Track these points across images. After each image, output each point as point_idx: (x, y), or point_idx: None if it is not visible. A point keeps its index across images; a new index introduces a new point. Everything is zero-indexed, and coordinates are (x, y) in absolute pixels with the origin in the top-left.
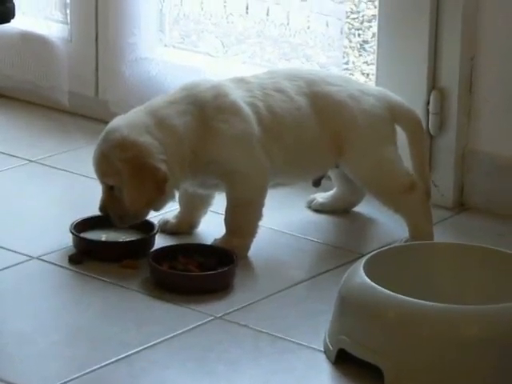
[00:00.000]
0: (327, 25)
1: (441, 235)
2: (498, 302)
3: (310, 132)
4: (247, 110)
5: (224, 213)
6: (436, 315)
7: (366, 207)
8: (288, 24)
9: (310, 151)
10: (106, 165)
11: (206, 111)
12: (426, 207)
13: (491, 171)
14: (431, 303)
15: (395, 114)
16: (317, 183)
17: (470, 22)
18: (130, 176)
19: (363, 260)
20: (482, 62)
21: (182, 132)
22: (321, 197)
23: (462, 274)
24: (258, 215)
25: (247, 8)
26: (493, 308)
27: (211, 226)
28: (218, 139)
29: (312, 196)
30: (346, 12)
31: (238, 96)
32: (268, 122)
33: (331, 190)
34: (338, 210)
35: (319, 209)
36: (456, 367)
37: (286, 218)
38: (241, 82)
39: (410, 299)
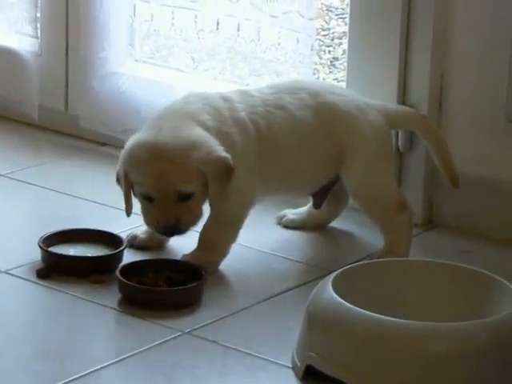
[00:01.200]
0: (298, 41)
1: (410, 252)
2: (467, 319)
3: (310, 147)
4: (250, 126)
5: (202, 227)
6: (404, 332)
7: (336, 223)
8: (259, 40)
9: (309, 166)
10: (182, 172)
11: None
12: (410, 229)
13: (460, 188)
14: (399, 320)
15: (399, 121)
16: (318, 205)
17: (439, 40)
18: (215, 175)
19: (332, 276)
20: (451, 80)
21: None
22: (291, 213)
23: (431, 290)
24: (236, 234)
25: (218, 24)
26: (461, 325)
27: (180, 242)
28: None
29: (282, 212)
30: (317, 29)
31: (243, 110)
32: (266, 141)
33: (302, 206)
34: (310, 226)
35: (289, 225)
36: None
37: (256, 234)
38: (244, 94)
39: (378, 316)
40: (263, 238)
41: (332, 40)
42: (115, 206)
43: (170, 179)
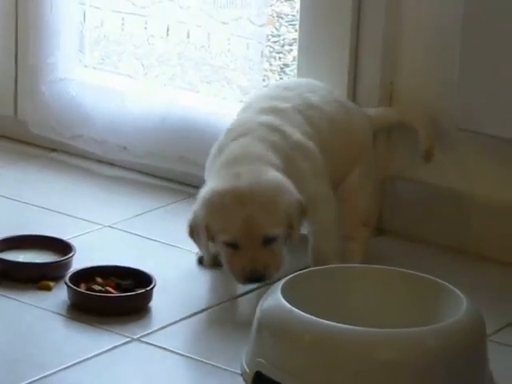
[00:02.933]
0: (248, 48)
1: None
2: (415, 326)
3: (342, 142)
4: (307, 143)
5: (310, 250)
6: (352, 338)
7: None
8: (209, 47)
9: (343, 161)
10: (270, 216)
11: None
12: (368, 243)
13: (409, 196)
14: (348, 326)
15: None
16: None
17: (389, 48)
18: (298, 216)
19: (281, 283)
20: (400, 87)
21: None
22: None
23: (380, 297)
24: (338, 239)
25: (168, 30)
26: (410, 332)
27: (127, 249)
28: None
29: None
30: (267, 35)
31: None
32: (319, 143)
33: None
34: None
35: None
36: None
37: None
38: (279, 113)
39: (327, 322)
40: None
41: (282, 46)
42: (64, 212)
43: (258, 224)
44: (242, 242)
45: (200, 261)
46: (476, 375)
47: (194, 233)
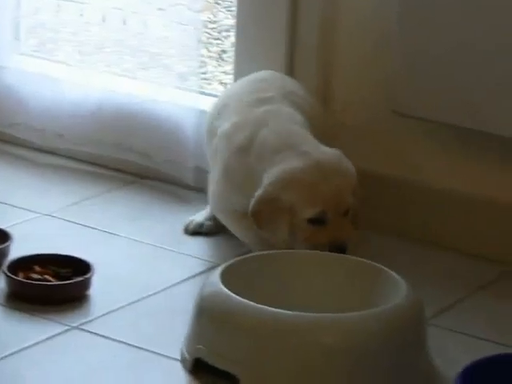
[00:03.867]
0: (185, 34)
1: None
2: (356, 310)
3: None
4: None
5: None
6: (293, 324)
7: None
8: (146, 33)
9: None
10: (350, 186)
11: None
12: None
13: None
14: (288, 312)
15: None
16: None
17: (327, 30)
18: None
19: (220, 268)
20: (339, 71)
21: None
22: (199, 217)
23: (320, 282)
24: None
25: (104, 17)
26: (350, 316)
27: (66, 237)
28: None
29: (189, 219)
30: (204, 21)
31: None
32: None
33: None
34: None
35: (199, 230)
36: (313, 375)
37: (142, 228)
38: (272, 100)
39: (267, 308)
40: (149, 232)
41: (219, 33)
42: (1, 201)
43: (343, 195)
44: (329, 216)
45: (190, 230)
46: (416, 358)
47: (264, 218)
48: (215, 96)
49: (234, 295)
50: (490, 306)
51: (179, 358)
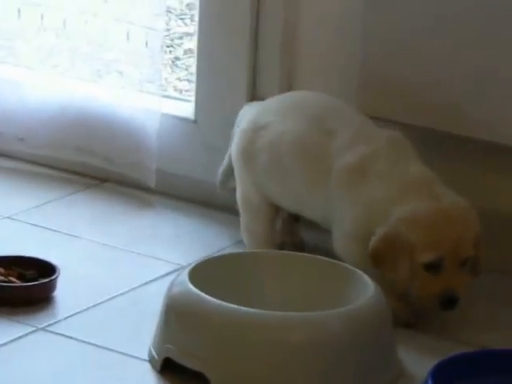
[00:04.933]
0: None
1: None
2: (323, 310)
3: None
4: None
5: None
6: (260, 322)
7: (183, 218)
8: (107, 37)
9: None
10: (472, 236)
11: None
12: None
13: None
14: (256, 310)
15: None
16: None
17: (288, 34)
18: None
19: (188, 269)
20: (300, 74)
21: None
22: None
23: (287, 282)
24: None
25: (64, 22)
26: (316, 315)
27: (28, 239)
28: None
29: None
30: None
31: None
32: None
33: None
34: None
35: None
36: (281, 374)
37: (105, 230)
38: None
39: (235, 306)
40: (112, 234)
41: (172, 40)
42: None
43: (464, 245)
44: (446, 263)
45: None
46: (383, 357)
47: (384, 256)
48: (178, 99)
49: (202, 294)
50: None
51: (147, 358)
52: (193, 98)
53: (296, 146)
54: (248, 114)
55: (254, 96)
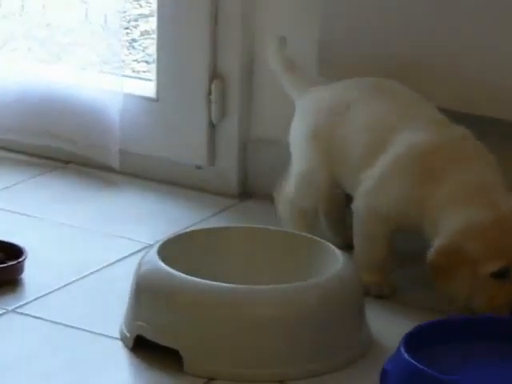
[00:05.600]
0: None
1: (227, 223)
2: (291, 282)
3: None
4: None
5: None
6: (230, 296)
7: (154, 197)
8: (67, 19)
9: None
10: None
11: None
12: None
13: (274, 158)
14: (224, 284)
15: None
16: None
17: (248, 12)
18: None
19: (157, 245)
20: (261, 51)
21: None
22: None
23: (258, 256)
24: None
25: (23, 4)
26: (286, 287)
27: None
28: None
29: None
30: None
31: None
32: None
33: None
34: None
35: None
36: (252, 347)
37: (73, 211)
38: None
39: (205, 281)
40: (78, 215)
41: (128, 22)
42: None
43: None
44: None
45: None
46: (354, 328)
47: (444, 271)
48: (140, 79)
49: (172, 270)
50: None
51: (119, 336)
52: (153, 78)
53: (371, 123)
54: (321, 96)
55: (215, 73)
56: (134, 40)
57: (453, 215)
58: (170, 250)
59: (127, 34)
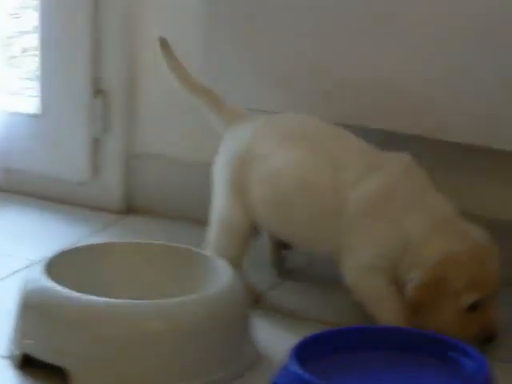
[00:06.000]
0: None
1: (112, 238)
2: (178, 296)
3: None
4: None
5: None
6: (116, 312)
7: (39, 214)
8: None
9: None
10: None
11: None
12: None
13: (157, 173)
14: (110, 300)
15: None
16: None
17: (131, 27)
18: None
19: (43, 262)
20: (144, 66)
21: None
22: None
23: (145, 271)
24: None
25: None
26: (172, 302)
27: None
28: None
29: None
30: None
31: None
32: None
33: None
34: None
35: None
36: (138, 362)
37: None
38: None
39: (90, 297)
40: None
41: (9, 39)
42: None
43: (498, 277)
44: (487, 301)
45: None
46: (240, 343)
47: (426, 305)
48: (23, 96)
49: (57, 286)
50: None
51: (7, 354)
52: (36, 95)
53: (301, 181)
54: (240, 139)
55: (98, 88)
56: (13, 57)
57: (426, 248)
58: (56, 266)
59: (6, 51)
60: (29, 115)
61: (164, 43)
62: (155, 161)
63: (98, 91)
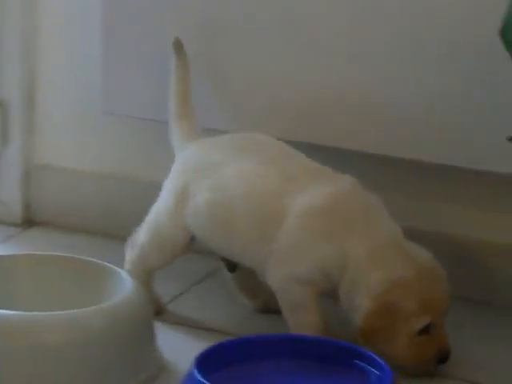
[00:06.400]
0: None
1: (12, 252)
2: (80, 307)
3: None
4: None
5: None
6: (16, 323)
7: None
8: None
9: None
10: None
11: None
12: None
13: (57, 185)
14: (11, 312)
15: None
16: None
17: (28, 39)
18: None
19: None
20: (43, 77)
21: None
22: None
23: (46, 283)
24: None
25: None
26: (73, 313)
27: None
28: None
29: None
30: None
31: None
32: None
33: None
34: None
35: None
36: (39, 374)
37: None
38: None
39: None
40: None
41: None
42: None
43: (447, 299)
44: (437, 323)
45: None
46: (143, 354)
47: (378, 333)
48: None
49: None
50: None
51: None
52: None
53: (249, 189)
54: (193, 149)
55: None
56: None
57: (371, 274)
58: None
59: None
60: None
61: (178, 45)
62: (55, 173)
63: None
